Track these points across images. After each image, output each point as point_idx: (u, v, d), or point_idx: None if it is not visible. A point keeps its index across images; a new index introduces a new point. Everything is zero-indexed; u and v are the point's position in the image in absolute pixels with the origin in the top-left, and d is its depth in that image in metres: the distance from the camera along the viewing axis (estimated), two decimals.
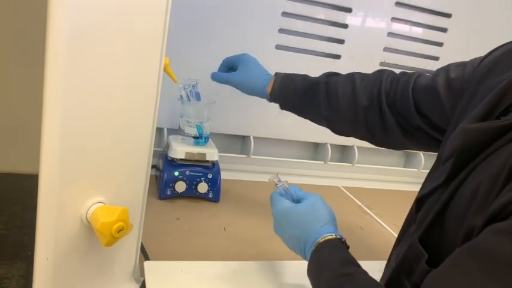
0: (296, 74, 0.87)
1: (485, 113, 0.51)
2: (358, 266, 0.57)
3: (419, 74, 0.76)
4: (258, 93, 0.90)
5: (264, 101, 1.13)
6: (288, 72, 0.88)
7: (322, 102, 0.82)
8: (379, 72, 0.80)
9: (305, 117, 0.89)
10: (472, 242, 0.41)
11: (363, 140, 0.84)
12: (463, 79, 0.65)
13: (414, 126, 0.74)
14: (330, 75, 0.84)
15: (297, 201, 0.69)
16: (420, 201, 0.57)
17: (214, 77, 0.94)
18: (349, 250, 0.60)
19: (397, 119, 0.76)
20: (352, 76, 0.81)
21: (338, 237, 0.61)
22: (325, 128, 1.33)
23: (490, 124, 0.48)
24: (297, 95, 0.84)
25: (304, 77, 0.86)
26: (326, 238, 0.60)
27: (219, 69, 0.96)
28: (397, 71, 0.81)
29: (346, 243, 0.61)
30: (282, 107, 0.90)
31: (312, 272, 0.60)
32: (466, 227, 0.44)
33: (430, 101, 0.70)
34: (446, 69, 0.70)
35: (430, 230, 0.51)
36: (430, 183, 0.55)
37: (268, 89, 0.88)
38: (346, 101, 0.79)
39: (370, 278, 0.53)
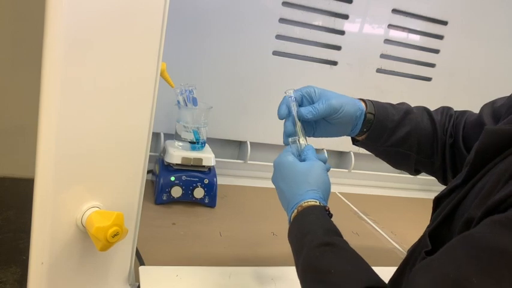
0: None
1: None
2: (340, 235, 0.57)
3: (469, 113, 0.75)
4: (355, 114, 0.72)
5: (261, 106, 1.14)
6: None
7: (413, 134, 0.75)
8: (447, 109, 0.78)
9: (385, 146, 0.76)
10: (469, 232, 0.41)
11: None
12: (508, 103, 0.64)
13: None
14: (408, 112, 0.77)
15: (303, 160, 0.68)
16: (438, 201, 0.57)
17: (309, 113, 0.70)
18: None
19: (451, 162, 0.74)
20: (427, 110, 0.78)
21: (322, 204, 0.60)
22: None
23: (509, 127, 0.48)
24: (394, 121, 0.74)
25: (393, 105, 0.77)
26: (310, 203, 0.60)
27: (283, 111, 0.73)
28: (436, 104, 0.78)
29: (329, 211, 0.61)
30: (369, 129, 0.74)
31: (292, 236, 0.59)
32: (466, 218, 0.45)
33: (478, 135, 0.69)
34: (492, 102, 0.70)
35: (440, 226, 0.51)
36: (450, 184, 0.55)
37: (363, 105, 0.73)
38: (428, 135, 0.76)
39: (351, 249, 0.54)
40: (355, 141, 0.79)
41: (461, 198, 0.50)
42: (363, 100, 0.74)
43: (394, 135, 0.74)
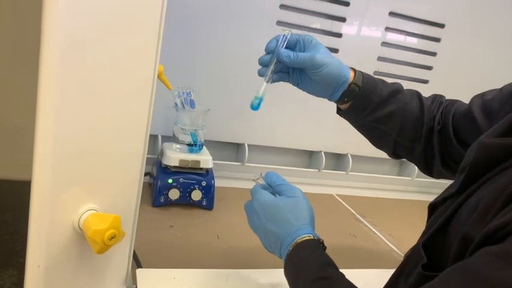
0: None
1: (505, 128, 0.51)
2: (336, 268, 0.56)
3: (459, 103, 0.75)
4: (338, 79, 0.71)
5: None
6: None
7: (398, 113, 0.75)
8: (439, 97, 0.78)
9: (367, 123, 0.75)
10: (465, 262, 0.41)
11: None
12: (501, 98, 0.64)
13: (453, 158, 0.72)
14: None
15: (278, 194, 0.67)
16: (433, 208, 0.57)
17: (287, 56, 0.71)
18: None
19: (440, 148, 0.74)
20: (417, 94, 0.78)
21: (316, 238, 0.60)
22: (319, 135, 1.33)
23: (503, 141, 0.48)
24: (380, 97, 0.73)
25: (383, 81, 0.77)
26: (304, 239, 0.59)
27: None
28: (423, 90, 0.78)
29: (324, 244, 0.60)
30: (354, 101, 0.74)
31: (289, 273, 0.59)
32: (460, 236, 0.45)
33: (467, 127, 0.69)
34: (483, 93, 0.70)
35: (434, 237, 0.51)
36: (445, 191, 0.55)
37: (351, 74, 0.73)
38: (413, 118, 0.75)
39: (347, 281, 0.54)
40: (338, 111, 0.79)
41: (455, 210, 0.50)
42: (355, 70, 0.74)
43: (377, 112, 0.73)
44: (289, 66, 0.74)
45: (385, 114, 0.73)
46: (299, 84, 0.75)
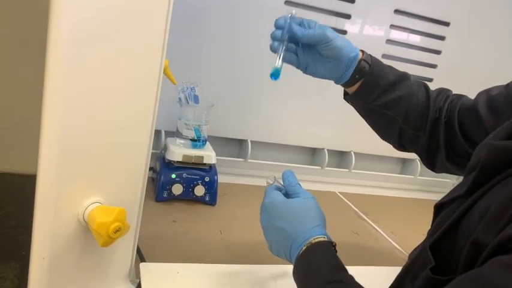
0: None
1: None
2: (346, 271, 0.56)
3: (465, 98, 0.75)
4: (349, 53, 0.72)
5: (262, 105, 1.14)
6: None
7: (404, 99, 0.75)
8: (446, 90, 0.78)
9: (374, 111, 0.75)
10: (477, 271, 0.41)
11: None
12: (506, 95, 0.64)
13: (457, 152, 0.72)
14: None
15: (290, 196, 0.67)
16: (439, 208, 0.56)
17: (299, 29, 0.72)
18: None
19: (445, 141, 0.74)
20: (424, 84, 0.78)
21: (329, 240, 0.60)
22: (322, 133, 1.33)
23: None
24: (388, 80, 0.74)
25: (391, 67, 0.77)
26: (318, 240, 0.58)
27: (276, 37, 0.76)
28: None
29: (335, 247, 0.60)
30: (362, 83, 0.74)
31: (299, 274, 0.58)
32: (471, 241, 0.45)
33: (472, 122, 0.69)
34: (488, 89, 0.70)
35: (442, 239, 0.51)
36: (452, 192, 0.55)
37: (360, 54, 0.73)
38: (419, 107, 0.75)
39: (357, 284, 0.53)
40: (345, 96, 0.79)
41: (463, 212, 0.50)
42: (362, 51, 0.74)
43: (384, 95, 0.73)
44: (297, 46, 0.74)
45: (392, 99, 0.73)
46: (308, 68, 0.75)
